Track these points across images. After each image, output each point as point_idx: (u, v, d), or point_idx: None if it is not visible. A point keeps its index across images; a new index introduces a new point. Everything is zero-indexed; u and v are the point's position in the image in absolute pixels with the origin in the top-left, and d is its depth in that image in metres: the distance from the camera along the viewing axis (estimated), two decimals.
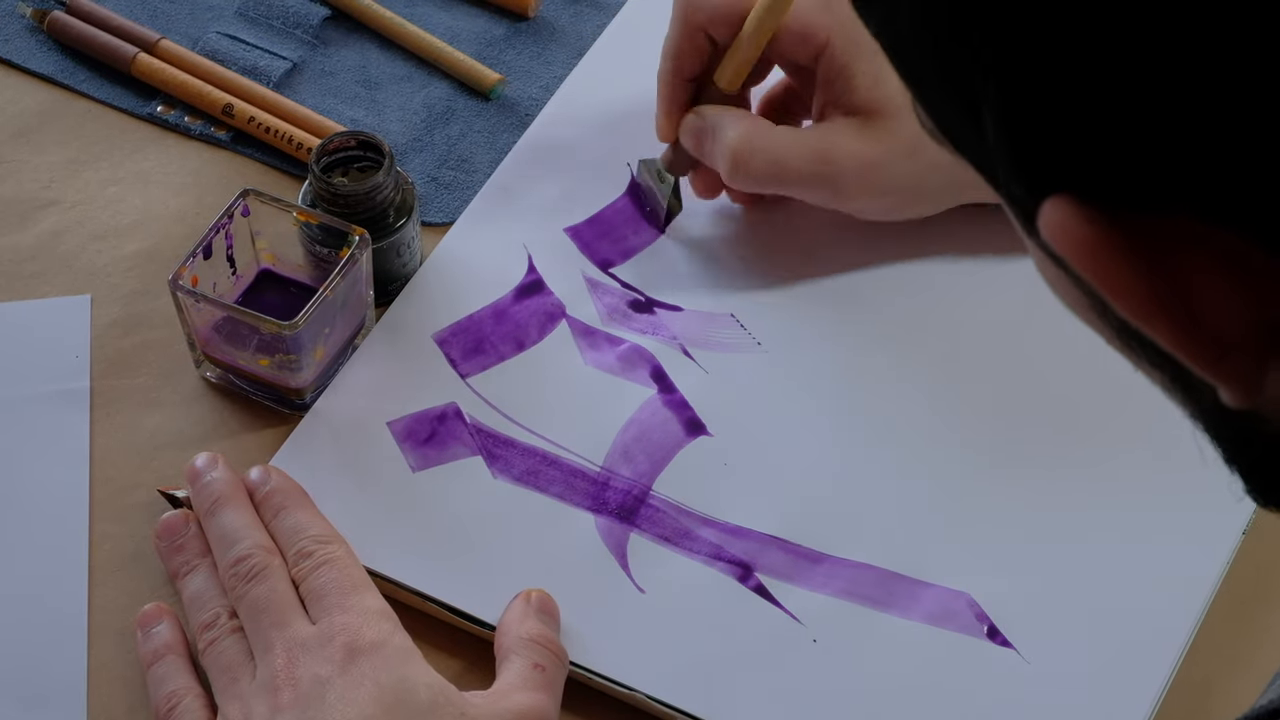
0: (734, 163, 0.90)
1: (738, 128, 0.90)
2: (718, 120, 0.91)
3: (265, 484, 0.86)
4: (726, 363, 0.92)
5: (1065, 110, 0.42)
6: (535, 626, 0.82)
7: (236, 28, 1.05)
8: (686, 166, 0.94)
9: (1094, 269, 0.43)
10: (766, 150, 0.90)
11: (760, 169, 0.90)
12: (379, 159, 0.92)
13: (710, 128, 0.91)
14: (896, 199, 0.91)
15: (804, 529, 0.86)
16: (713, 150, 0.91)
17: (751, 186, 0.92)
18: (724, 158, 0.90)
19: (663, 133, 0.94)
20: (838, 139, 0.90)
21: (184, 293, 0.88)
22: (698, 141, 0.92)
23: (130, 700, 0.83)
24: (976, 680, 0.82)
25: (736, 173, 0.90)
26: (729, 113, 0.91)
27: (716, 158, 0.91)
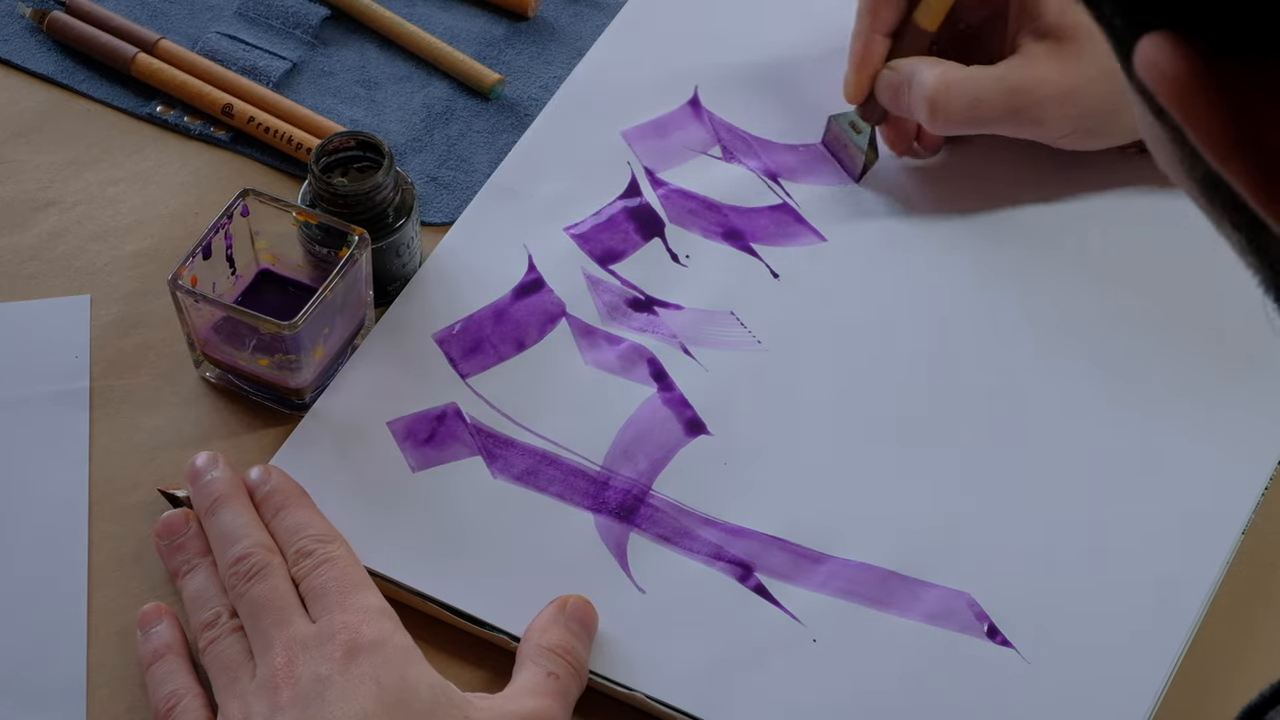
0: (932, 107, 0.91)
1: (932, 72, 0.92)
2: (913, 69, 0.93)
3: (265, 484, 0.86)
4: (727, 361, 0.92)
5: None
6: (558, 636, 0.82)
7: (236, 28, 1.05)
8: (881, 116, 0.96)
9: (1182, 106, 0.44)
10: (964, 91, 0.91)
11: (959, 110, 0.91)
12: (379, 159, 0.92)
13: (906, 79, 0.93)
14: (1095, 122, 0.92)
15: (804, 529, 0.86)
16: (910, 99, 0.93)
17: (952, 129, 0.93)
18: (922, 103, 0.92)
19: (855, 91, 0.95)
20: (1032, 68, 0.91)
21: (184, 293, 0.88)
22: (895, 95, 0.94)
23: (130, 700, 0.83)
24: (976, 680, 0.82)
25: (936, 116, 0.92)
26: (922, 61, 0.93)
27: (915, 105, 0.92)
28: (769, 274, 0.95)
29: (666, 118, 1.01)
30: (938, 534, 0.86)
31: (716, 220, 0.97)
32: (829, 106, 0.98)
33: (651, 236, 0.96)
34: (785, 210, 0.97)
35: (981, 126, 0.93)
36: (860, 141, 0.96)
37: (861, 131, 0.96)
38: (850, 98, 0.96)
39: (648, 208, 0.97)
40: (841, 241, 0.96)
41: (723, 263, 0.95)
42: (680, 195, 0.97)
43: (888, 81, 0.94)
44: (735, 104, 1.01)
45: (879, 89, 0.94)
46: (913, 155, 0.97)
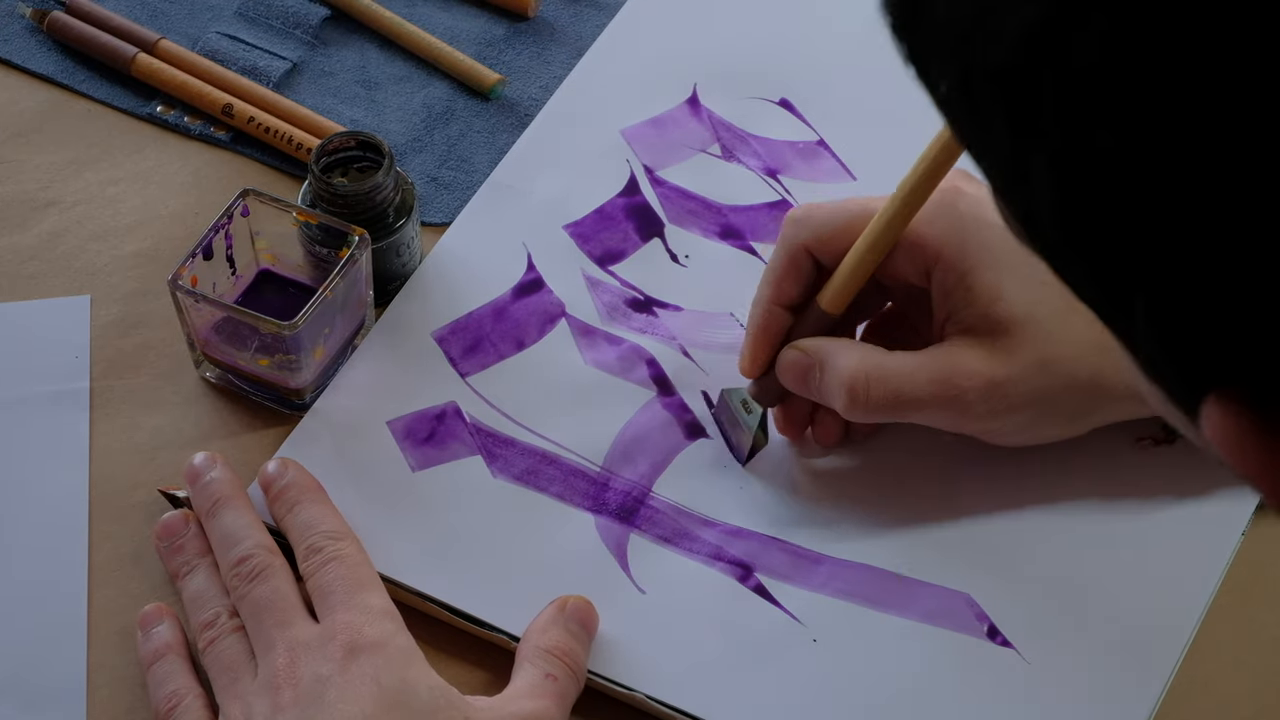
0: (851, 396, 0.83)
1: (850, 358, 0.83)
2: (825, 352, 0.84)
3: (282, 478, 0.86)
4: (726, 363, 0.92)
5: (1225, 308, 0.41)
6: (557, 637, 0.82)
7: (236, 28, 1.05)
8: (776, 398, 0.87)
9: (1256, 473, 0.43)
10: (884, 379, 0.83)
11: (880, 399, 0.83)
12: (379, 159, 0.92)
13: (817, 361, 0.84)
14: (1028, 417, 0.84)
15: (804, 530, 0.86)
16: (822, 384, 0.84)
17: (870, 418, 0.85)
18: (839, 391, 0.83)
19: (751, 367, 0.87)
20: (960, 359, 0.83)
21: (184, 293, 0.88)
22: (801, 377, 0.85)
23: (130, 700, 0.83)
24: (976, 680, 0.82)
25: (854, 406, 0.83)
26: (835, 343, 0.85)
27: (829, 392, 0.84)
28: None
29: (665, 116, 1.01)
30: (938, 534, 0.86)
31: (716, 219, 0.97)
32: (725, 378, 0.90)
33: (651, 236, 0.96)
34: (785, 207, 0.97)
35: (902, 416, 0.84)
36: (750, 422, 0.87)
37: (752, 411, 0.87)
38: (745, 371, 0.87)
39: (647, 206, 0.97)
40: None
41: (722, 262, 0.95)
42: (679, 194, 0.98)
43: (792, 362, 0.85)
44: (734, 102, 1.01)
45: (781, 369, 0.86)
46: (804, 445, 0.88)
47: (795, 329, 0.86)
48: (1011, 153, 0.44)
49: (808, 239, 0.85)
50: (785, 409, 0.88)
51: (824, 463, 0.89)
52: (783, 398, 0.87)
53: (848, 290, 0.84)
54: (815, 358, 0.85)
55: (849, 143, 0.99)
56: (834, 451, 0.88)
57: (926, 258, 0.84)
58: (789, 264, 0.86)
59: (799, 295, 0.86)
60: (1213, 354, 0.42)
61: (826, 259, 0.85)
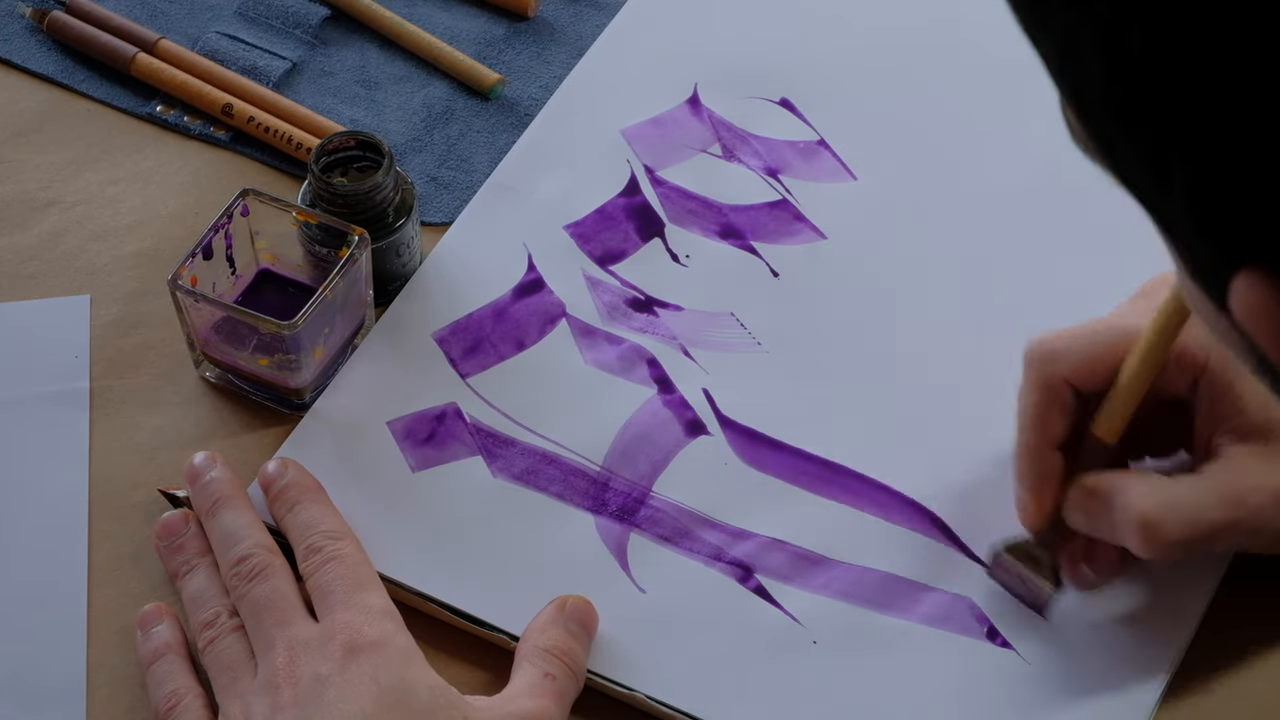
0: (1145, 532, 0.79)
1: (1141, 491, 0.79)
2: (1115, 488, 0.80)
3: (282, 478, 0.86)
4: (726, 362, 0.92)
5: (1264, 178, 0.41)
6: (556, 637, 0.82)
7: (236, 27, 1.05)
8: (1063, 541, 0.83)
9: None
10: (1178, 511, 0.79)
11: (1176, 533, 0.79)
12: (378, 159, 0.92)
13: (1106, 500, 0.80)
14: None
15: (805, 531, 0.86)
16: (1113, 523, 0.80)
17: (1165, 554, 0.80)
18: (1134, 529, 0.79)
19: (1038, 518, 0.83)
20: (1245, 474, 0.79)
21: (184, 293, 0.88)
22: (1090, 518, 0.81)
23: (130, 700, 0.83)
24: (976, 680, 0.82)
25: (1150, 543, 0.79)
26: (1124, 477, 0.81)
27: (1121, 530, 0.80)
28: (769, 273, 0.95)
29: (666, 116, 1.01)
30: (940, 536, 0.86)
31: (716, 219, 0.97)
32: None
33: (651, 236, 0.96)
34: (785, 207, 0.97)
35: (1194, 547, 0.80)
36: (1042, 573, 0.83)
37: (1039, 560, 0.83)
38: (1031, 524, 0.83)
39: (647, 206, 0.97)
40: (841, 239, 0.96)
41: (723, 262, 0.95)
42: (680, 194, 0.97)
43: (1083, 502, 0.81)
44: (735, 102, 1.01)
45: (1070, 510, 0.82)
46: (1082, 581, 0.84)
47: (1075, 466, 0.82)
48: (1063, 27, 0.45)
49: (1067, 371, 0.82)
50: (1070, 551, 0.84)
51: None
52: (1065, 541, 0.83)
53: (1124, 416, 0.81)
54: (1105, 495, 0.81)
55: (849, 142, 0.99)
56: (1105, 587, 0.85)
57: (1193, 367, 0.81)
58: (1050, 401, 0.82)
59: (1066, 432, 0.83)
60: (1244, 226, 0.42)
61: (1087, 388, 0.82)
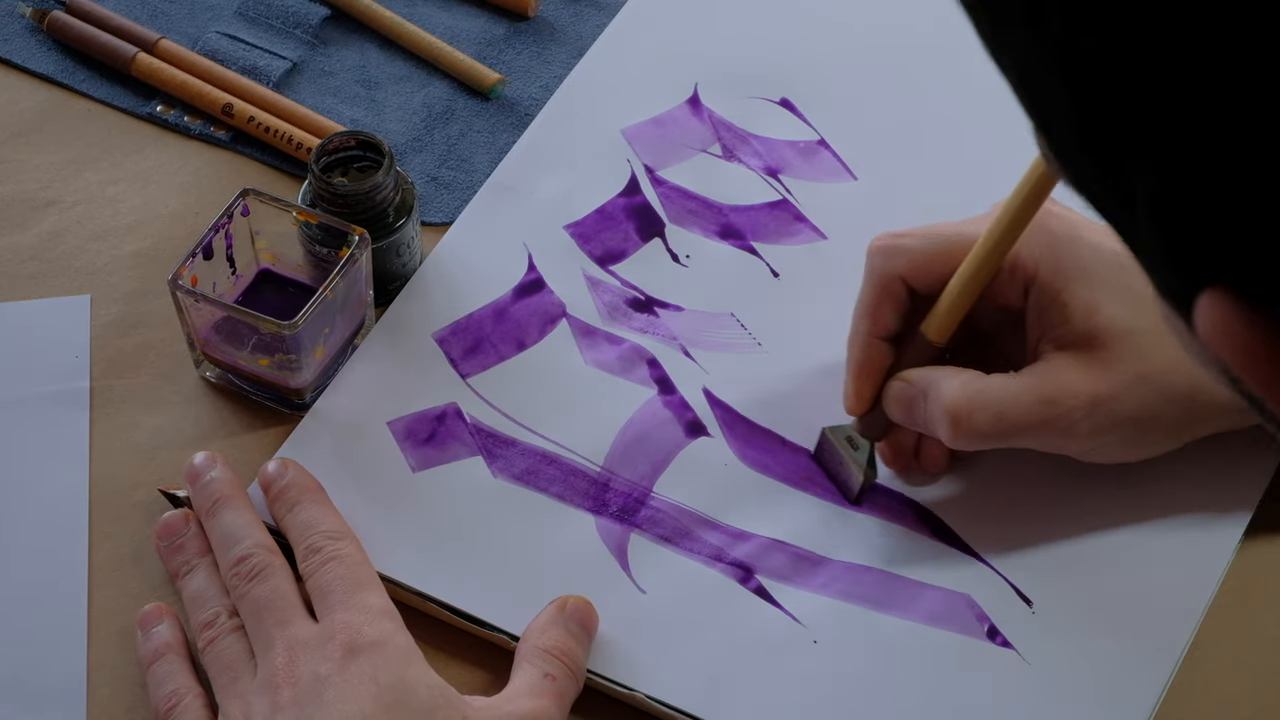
0: (954, 423, 0.82)
1: (952, 385, 0.82)
2: (929, 381, 0.83)
3: (282, 478, 0.86)
4: (727, 362, 0.92)
5: (1227, 197, 0.41)
6: (556, 637, 0.82)
7: (236, 27, 1.05)
8: (882, 431, 0.86)
9: (1254, 371, 0.42)
10: (987, 405, 0.82)
11: (984, 426, 0.82)
12: (379, 159, 0.92)
13: (921, 391, 0.83)
14: (1129, 433, 0.83)
15: (805, 531, 0.86)
16: (926, 414, 0.83)
17: (974, 445, 0.83)
18: (943, 420, 0.82)
19: (855, 403, 0.86)
20: (1060, 377, 0.82)
21: (184, 292, 0.88)
22: (908, 409, 0.84)
23: (130, 700, 0.83)
24: (976, 680, 0.82)
25: (959, 432, 0.82)
26: (939, 371, 0.84)
27: (933, 421, 0.83)
28: (769, 273, 0.95)
29: (666, 115, 1.01)
30: (938, 534, 0.86)
31: (716, 219, 0.97)
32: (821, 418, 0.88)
33: (651, 236, 0.96)
34: (785, 207, 0.97)
35: (1005, 441, 0.83)
36: (858, 458, 0.86)
37: (859, 448, 0.86)
38: (851, 409, 0.86)
39: (647, 206, 0.97)
40: (841, 239, 0.96)
41: (723, 262, 0.95)
42: (680, 194, 0.98)
43: (899, 394, 0.84)
44: (735, 102, 1.01)
45: (887, 401, 0.85)
46: (912, 476, 0.87)
47: (900, 361, 0.85)
48: (1022, 51, 0.44)
49: (902, 268, 0.84)
50: (891, 442, 0.87)
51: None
52: (887, 431, 0.86)
53: (953, 318, 0.83)
54: (920, 387, 0.83)
55: (850, 142, 0.99)
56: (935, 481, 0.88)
57: (1024, 278, 0.83)
58: (883, 295, 0.85)
59: (897, 326, 0.85)
60: (1205, 246, 0.42)
61: (922, 287, 0.84)
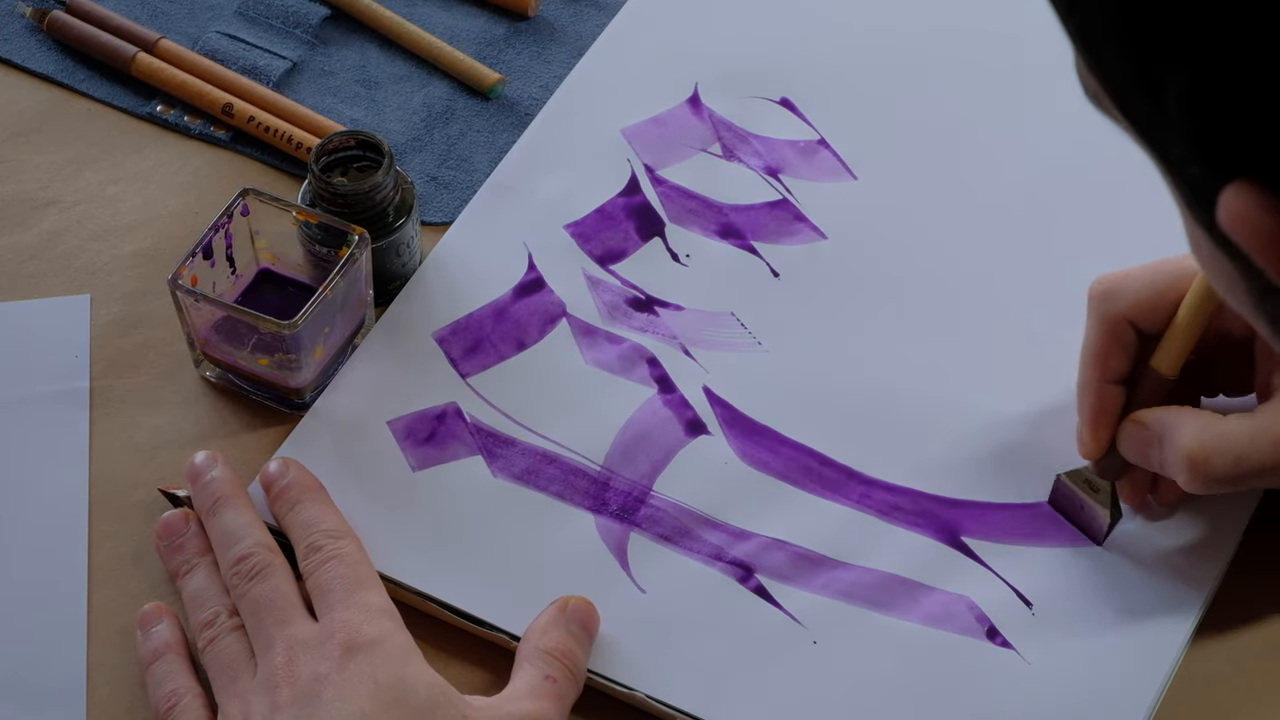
0: (1192, 467, 0.81)
1: (1189, 428, 0.82)
2: (1165, 424, 0.83)
3: (283, 477, 0.86)
4: (727, 362, 0.92)
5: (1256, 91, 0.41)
6: (558, 638, 0.82)
7: (236, 27, 1.05)
8: (1119, 473, 0.85)
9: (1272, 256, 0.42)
10: (1225, 449, 0.81)
11: (1221, 470, 0.81)
12: (379, 159, 0.92)
13: (1157, 434, 0.83)
14: None
15: (805, 531, 0.86)
16: (1163, 457, 0.83)
17: (1211, 489, 0.82)
18: (1181, 464, 0.81)
19: (1094, 449, 0.85)
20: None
21: (184, 292, 0.88)
22: (1143, 451, 0.84)
23: (130, 700, 0.83)
24: (976, 680, 0.82)
25: (1196, 477, 0.81)
26: (1175, 414, 0.83)
27: (1170, 465, 0.82)
28: (769, 272, 0.95)
29: (666, 115, 1.01)
30: (938, 534, 0.86)
31: (716, 218, 0.97)
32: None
33: (651, 236, 0.96)
34: (785, 207, 0.97)
35: (1244, 484, 0.82)
36: (1101, 500, 0.85)
37: (1099, 489, 0.85)
38: (1088, 455, 0.85)
39: (647, 205, 0.97)
40: (841, 238, 0.96)
41: (723, 262, 0.95)
42: (680, 194, 0.97)
43: (1134, 437, 0.84)
44: (735, 101, 1.01)
45: (1123, 444, 0.84)
46: (1147, 510, 0.87)
47: (1133, 400, 0.85)
48: None
49: (1127, 309, 0.84)
50: (1129, 480, 0.86)
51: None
52: (1125, 471, 0.85)
53: (1183, 352, 0.83)
54: (1155, 430, 0.83)
55: (850, 142, 0.99)
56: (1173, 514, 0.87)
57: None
58: (1111, 338, 0.85)
59: (1127, 368, 0.85)
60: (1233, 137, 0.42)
61: (1149, 325, 0.84)
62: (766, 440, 0.89)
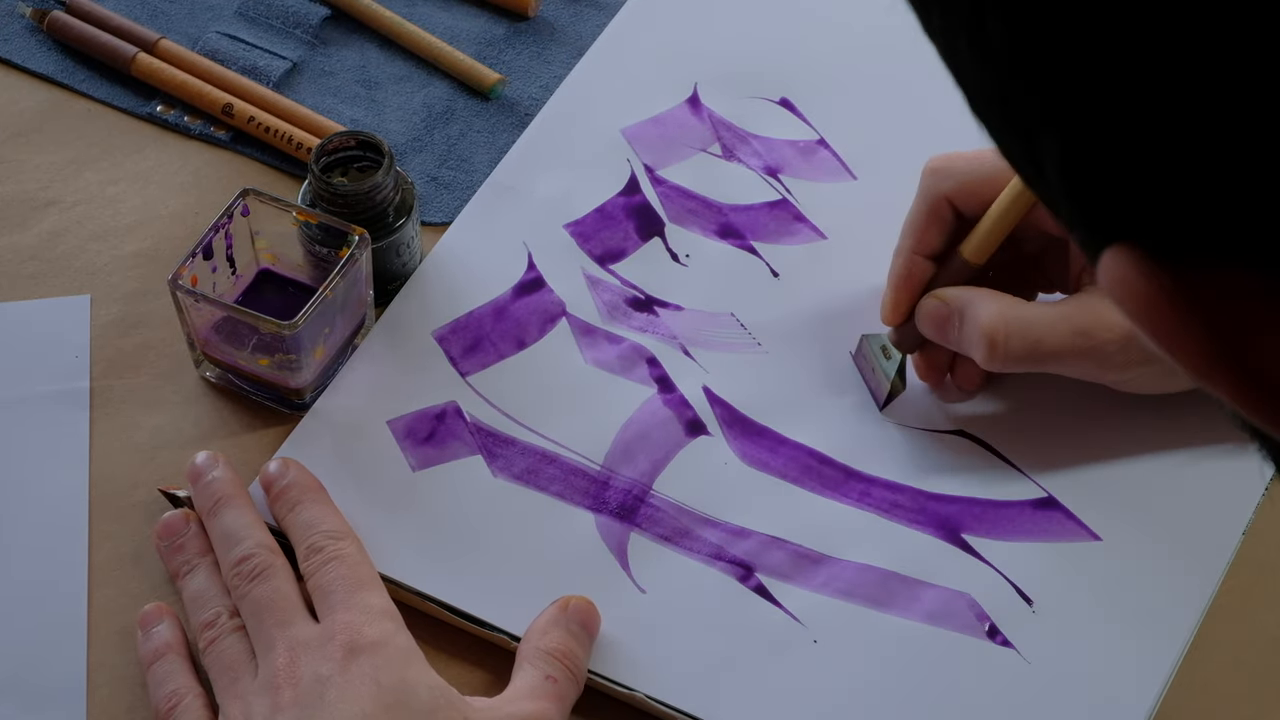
0: (990, 346, 0.84)
1: (990, 308, 0.84)
2: (965, 301, 0.85)
3: (283, 478, 0.86)
4: (726, 362, 0.92)
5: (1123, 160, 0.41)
6: (558, 639, 0.82)
7: (236, 27, 1.05)
8: (915, 345, 0.88)
9: (1151, 324, 0.42)
10: (1024, 330, 0.84)
11: (1019, 350, 0.84)
12: (379, 159, 0.92)
13: (957, 311, 0.85)
14: (1163, 367, 0.83)
15: (805, 529, 0.86)
16: (961, 334, 0.85)
17: (1008, 368, 0.85)
18: (979, 340, 0.84)
19: (892, 314, 0.88)
20: (1098, 309, 0.83)
21: (184, 292, 0.88)
22: (940, 326, 0.86)
23: (130, 700, 0.83)
24: (976, 680, 0.82)
25: (993, 356, 0.84)
26: (977, 293, 0.85)
27: (968, 342, 0.85)
28: (769, 272, 0.95)
29: (666, 115, 1.01)
30: (938, 532, 0.86)
31: (716, 218, 0.97)
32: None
33: (651, 236, 0.96)
34: (785, 207, 0.97)
35: (1041, 366, 0.85)
36: (888, 368, 0.88)
37: (891, 357, 0.88)
38: (886, 319, 0.88)
39: (647, 205, 0.97)
40: (841, 238, 0.96)
41: (723, 262, 0.95)
42: (680, 194, 0.98)
43: (932, 311, 0.86)
44: (735, 102, 1.01)
45: (920, 317, 0.87)
46: (944, 391, 0.89)
47: (937, 278, 0.87)
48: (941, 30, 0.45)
49: (949, 189, 0.86)
50: (925, 356, 0.89)
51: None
52: (922, 345, 0.88)
53: (992, 240, 0.85)
54: (955, 307, 0.86)
55: (849, 142, 0.99)
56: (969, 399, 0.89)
57: None
58: (930, 214, 0.87)
59: (940, 245, 0.87)
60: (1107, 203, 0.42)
61: (968, 209, 0.86)
62: (766, 440, 0.89)
